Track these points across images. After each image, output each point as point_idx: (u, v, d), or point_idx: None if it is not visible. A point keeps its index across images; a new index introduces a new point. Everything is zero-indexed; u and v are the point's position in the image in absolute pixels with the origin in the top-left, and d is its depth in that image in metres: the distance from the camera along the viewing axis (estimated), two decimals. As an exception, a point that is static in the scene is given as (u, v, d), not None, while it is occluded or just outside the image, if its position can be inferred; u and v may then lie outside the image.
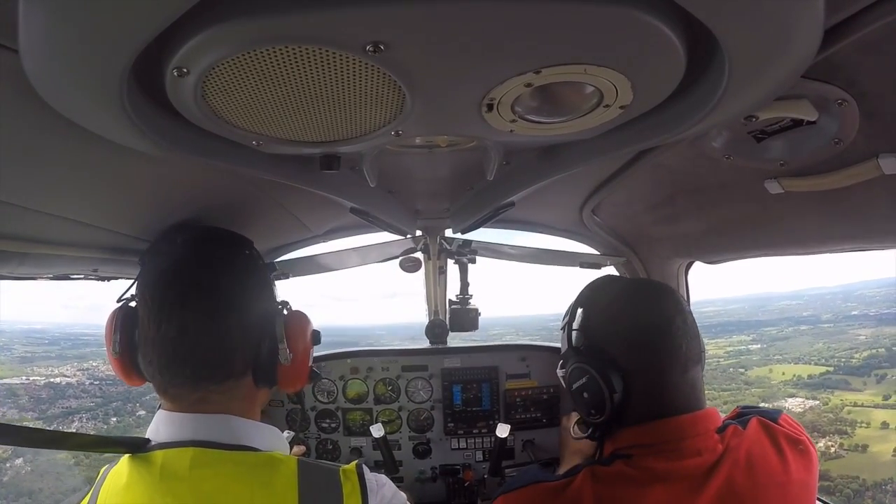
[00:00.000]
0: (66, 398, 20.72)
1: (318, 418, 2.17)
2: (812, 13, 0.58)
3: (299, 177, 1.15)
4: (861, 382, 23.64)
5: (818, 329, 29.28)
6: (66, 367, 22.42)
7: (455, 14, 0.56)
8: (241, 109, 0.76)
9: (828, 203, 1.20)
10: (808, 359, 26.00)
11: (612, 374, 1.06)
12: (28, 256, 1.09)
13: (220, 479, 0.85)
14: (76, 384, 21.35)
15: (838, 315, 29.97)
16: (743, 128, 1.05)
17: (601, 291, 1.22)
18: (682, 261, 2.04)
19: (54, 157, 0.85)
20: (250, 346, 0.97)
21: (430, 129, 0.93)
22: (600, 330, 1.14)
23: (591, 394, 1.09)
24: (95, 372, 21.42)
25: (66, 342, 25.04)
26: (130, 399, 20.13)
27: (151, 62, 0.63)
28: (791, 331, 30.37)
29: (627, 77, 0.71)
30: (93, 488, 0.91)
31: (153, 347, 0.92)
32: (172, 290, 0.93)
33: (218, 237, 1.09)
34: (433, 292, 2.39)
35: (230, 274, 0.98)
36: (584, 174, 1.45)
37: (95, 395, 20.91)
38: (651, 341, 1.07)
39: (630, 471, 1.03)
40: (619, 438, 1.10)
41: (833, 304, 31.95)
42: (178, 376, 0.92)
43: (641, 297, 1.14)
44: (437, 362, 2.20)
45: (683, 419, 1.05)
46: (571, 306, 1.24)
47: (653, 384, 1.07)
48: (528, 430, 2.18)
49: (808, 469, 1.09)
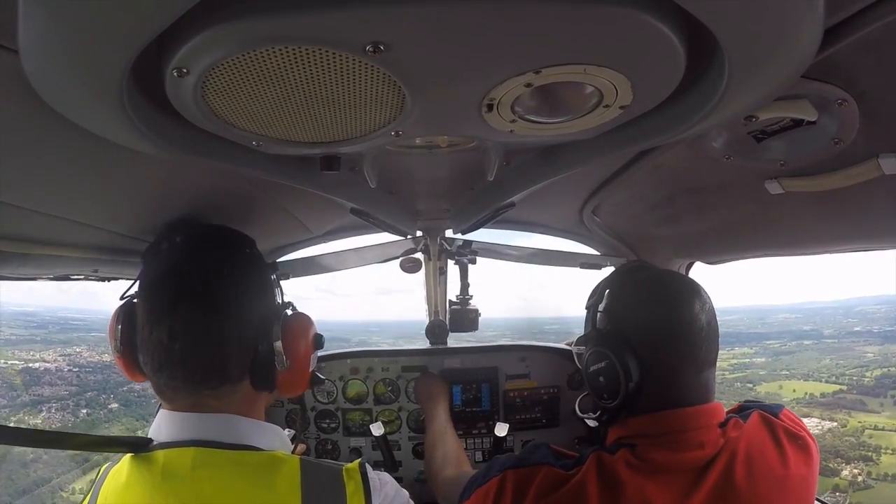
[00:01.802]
0: (41, 385, 20.13)
1: (318, 418, 2.17)
2: (812, 13, 0.58)
3: (299, 177, 1.15)
4: (878, 403, 22.92)
5: (823, 344, 28.84)
6: (49, 352, 21.81)
7: (455, 14, 0.56)
8: (241, 110, 0.76)
9: (828, 203, 1.20)
10: (818, 375, 25.34)
11: (631, 364, 1.07)
12: (29, 257, 1.09)
13: (222, 479, 0.85)
14: (54, 370, 20.77)
15: (841, 330, 29.57)
16: (743, 128, 1.05)
17: (631, 278, 1.22)
18: (682, 261, 2.04)
19: (54, 157, 0.85)
20: (247, 350, 0.94)
21: (430, 130, 0.93)
22: (625, 317, 1.15)
23: (607, 379, 1.10)
24: (77, 358, 20.88)
25: (54, 326, 24.43)
26: (106, 390, 19.56)
27: (151, 62, 0.63)
28: (794, 345, 29.95)
29: (627, 77, 0.71)
30: (93, 487, 0.91)
31: (147, 349, 0.92)
32: (164, 295, 0.92)
33: (217, 237, 1.06)
34: (433, 293, 2.39)
35: (226, 277, 0.95)
36: (585, 175, 1.45)
37: (71, 384, 20.35)
38: (674, 338, 1.08)
39: (633, 460, 1.05)
40: (625, 426, 1.11)
41: (834, 318, 31.70)
42: (172, 379, 0.91)
43: (672, 292, 1.13)
44: (437, 363, 2.20)
45: (688, 411, 1.06)
46: (600, 287, 1.23)
47: (667, 379, 1.08)
48: (527, 431, 2.18)
49: (808, 464, 1.09)
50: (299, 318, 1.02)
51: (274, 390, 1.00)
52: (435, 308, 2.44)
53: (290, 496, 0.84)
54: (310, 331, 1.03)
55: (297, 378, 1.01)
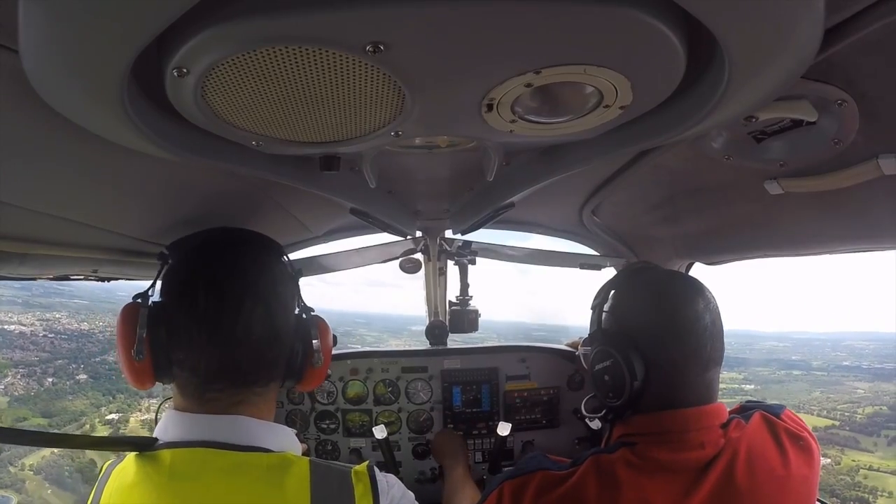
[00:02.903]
0: (12, 349, 19.60)
1: (318, 419, 2.17)
2: (812, 13, 0.58)
3: (299, 177, 1.15)
4: (871, 443, 22.25)
5: (812, 376, 28.43)
6: (28, 315, 21.23)
7: (455, 14, 0.56)
8: (240, 110, 0.76)
9: (828, 204, 1.21)
10: (809, 408, 24.79)
11: (635, 363, 1.08)
12: (28, 257, 1.09)
13: (230, 480, 0.85)
14: (29, 334, 20.26)
15: (829, 363, 29.07)
16: (743, 128, 1.05)
17: (636, 279, 1.22)
18: (681, 262, 2.04)
19: (54, 157, 0.85)
20: (284, 351, 1.00)
21: (430, 130, 0.94)
22: (630, 317, 1.15)
23: (612, 378, 1.11)
24: (55, 324, 20.43)
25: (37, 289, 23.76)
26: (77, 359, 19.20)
27: (151, 62, 0.63)
28: (784, 374, 29.46)
29: (627, 77, 0.71)
30: (96, 485, 0.90)
31: (191, 353, 0.91)
32: (200, 301, 0.91)
33: (251, 241, 1.08)
34: (433, 293, 2.39)
35: (265, 282, 0.98)
36: (584, 175, 1.45)
37: (44, 350, 19.92)
38: (678, 337, 1.08)
39: (633, 458, 1.05)
40: (629, 424, 1.12)
41: (822, 350, 31.16)
42: (208, 381, 0.91)
43: (675, 292, 1.14)
44: (437, 363, 2.20)
45: (690, 412, 1.06)
46: (605, 288, 1.24)
47: (671, 378, 1.08)
48: (527, 432, 2.18)
49: (810, 465, 1.09)
50: (323, 320, 1.08)
51: (296, 384, 1.06)
52: (435, 309, 2.44)
53: (300, 498, 0.84)
54: (331, 331, 1.10)
55: (323, 373, 1.08)
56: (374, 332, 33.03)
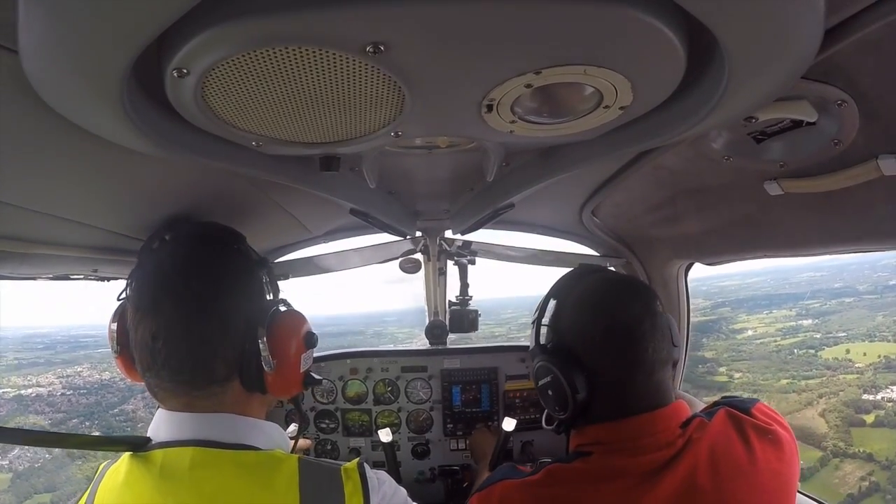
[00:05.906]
0: (27, 413, 19.07)
1: (317, 419, 2.17)
2: (812, 13, 0.58)
3: (299, 178, 1.15)
4: None
5: (864, 300, 26.28)
6: (48, 375, 20.79)
7: (455, 15, 0.56)
8: (240, 110, 0.76)
9: (828, 204, 1.20)
10: (881, 335, 22.66)
11: (576, 375, 1.07)
12: (28, 257, 1.09)
13: (220, 478, 0.85)
14: (46, 395, 19.76)
15: (877, 285, 26.94)
16: (743, 129, 1.05)
17: (572, 287, 1.20)
18: (681, 262, 2.04)
19: (54, 157, 0.85)
20: (233, 350, 0.91)
21: (430, 130, 0.94)
22: (568, 328, 1.14)
23: (555, 392, 1.11)
24: (75, 379, 19.96)
25: (62, 346, 23.54)
26: (93, 416, 18.65)
27: (151, 62, 0.63)
28: (836, 303, 27.24)
29: (627, 78, 0.71)
30: (91, 485, 0.91)
31: (135, 350, 0.92)
32: (148, 294, 0.91)
33: (202, 234, 1.04)
34: (433, 293, 2.39)
35: (207, 275, 0.93)
36: (584, 175, 1.45)
37: (59, 410, 19.35)
38: (617, 344, 1.06)
39: (587, 468, 1.05)
40: (583, 434, 1.12)
41: (862, 273, 28.71)
42: (159, 379, 0.90)
43: (611, 297, 1.12)
44: (437, 363, 2.20)
45: (643, 418, 1.05)
46: (543, 300, 1.23)
47: (617, 386, 1.07)
48: (527, 432, 2.18)
49: (780, 458, 1.07)
50: (289, 316, 0.97)
51: (266, 392, 0.95)
52: (434, 308, 2.44)
53: (289, 496, 0.84)
54: (300, 329, 0.98)
55: (288, 379, 0.96)
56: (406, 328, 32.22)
